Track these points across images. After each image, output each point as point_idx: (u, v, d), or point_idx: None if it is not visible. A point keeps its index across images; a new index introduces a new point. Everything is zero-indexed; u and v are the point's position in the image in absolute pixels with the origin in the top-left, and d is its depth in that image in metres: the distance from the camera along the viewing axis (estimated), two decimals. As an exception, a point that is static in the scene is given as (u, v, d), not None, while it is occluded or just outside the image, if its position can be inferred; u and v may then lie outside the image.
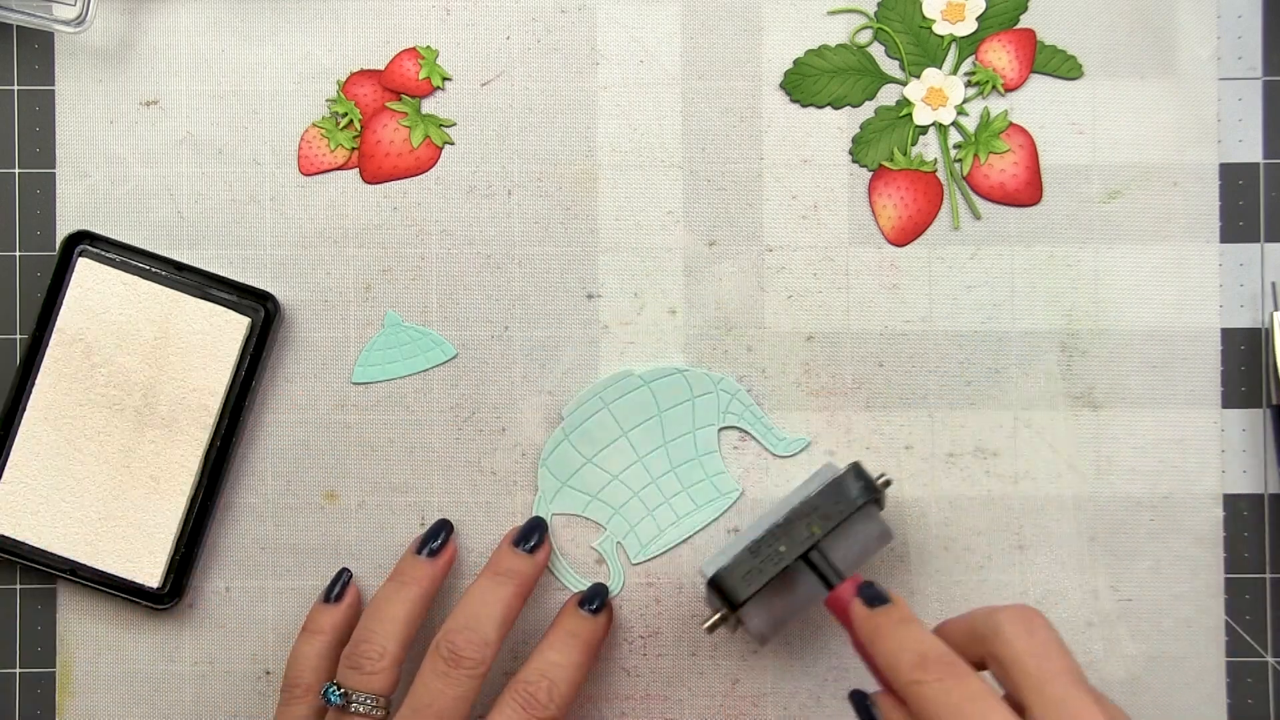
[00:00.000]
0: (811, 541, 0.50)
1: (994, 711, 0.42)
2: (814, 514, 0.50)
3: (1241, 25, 0.56)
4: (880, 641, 0.45)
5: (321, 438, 0.55)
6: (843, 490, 0.51)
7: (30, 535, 0.54)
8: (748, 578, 0.50)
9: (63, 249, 0.54)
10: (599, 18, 0.56)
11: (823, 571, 0.50)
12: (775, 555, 0.50)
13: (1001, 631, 0.44)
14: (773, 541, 0.50)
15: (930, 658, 0.43)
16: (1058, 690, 0.42)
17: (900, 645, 0.44)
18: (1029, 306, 0.55)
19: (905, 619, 0.46)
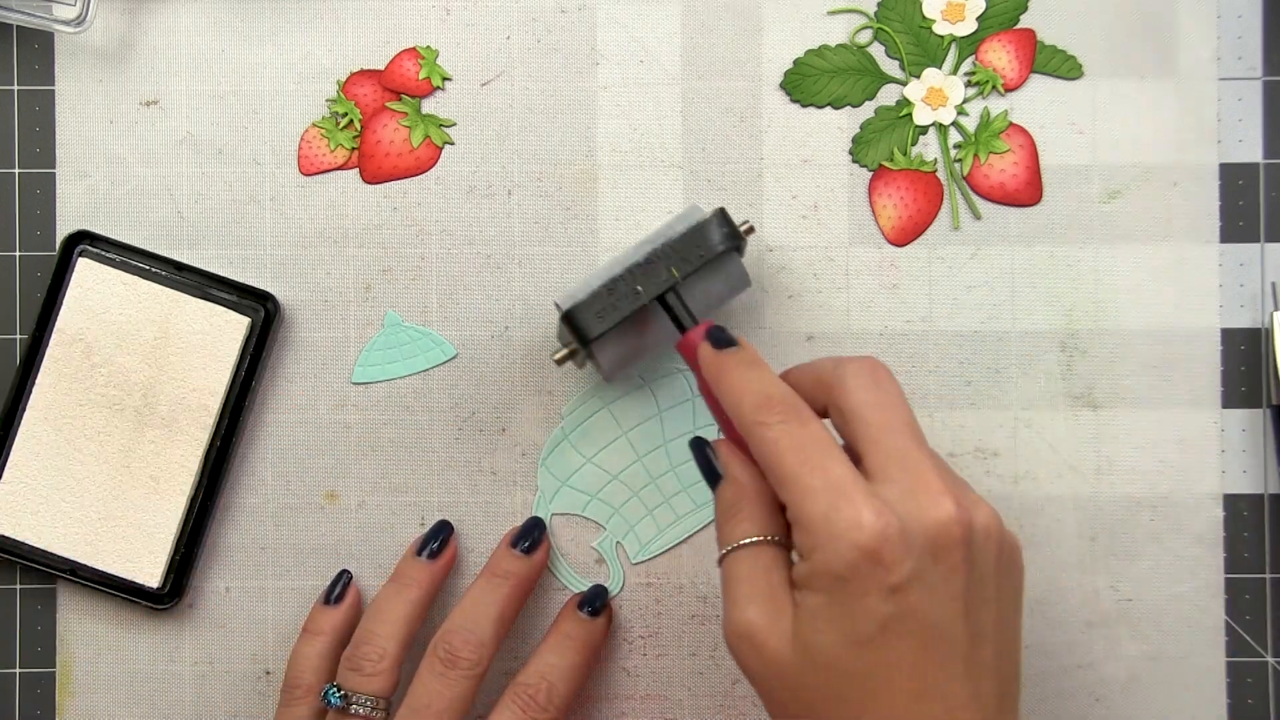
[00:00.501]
0: (669, 284, 0.49)
1: (832, 458, 0.41)
2: (674, 256, 0.50)
3: (1241, 25, 0.56)
4: (725, 382, 0.45)
5: (321, 438, 0.55)
6: (705, 235, 0.50)
7: (30, 535, 0.54)
8: (601, 314, 0.49)
9: (63, 249, 0.54)
10: (599, 18, 0.56)
11: (677, 314, 0.49)
12: (631, 294, 0.49)
13: (845, 382, 0.44)
14: (630, 280, 0.49)
15: (774, 399, 0.43)
16: (896, 442, 0.42)
17: (744, 387, 0.44)
18: (1029, 306, 0.55)
19: (752, 361, 0.45)
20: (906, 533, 0.40)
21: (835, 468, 0.41)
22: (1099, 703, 0.55)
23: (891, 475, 0.42)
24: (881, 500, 0.41)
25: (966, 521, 0.41)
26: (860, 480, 0.41)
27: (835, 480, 0.41)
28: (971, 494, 0.43)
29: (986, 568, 0.42)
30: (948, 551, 0.41)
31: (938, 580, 0.40)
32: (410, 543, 0.54)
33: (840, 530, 0.40)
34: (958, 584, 0.41)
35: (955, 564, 0.41)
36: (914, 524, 0.40)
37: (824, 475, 0.41)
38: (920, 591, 0.40)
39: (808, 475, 0.41)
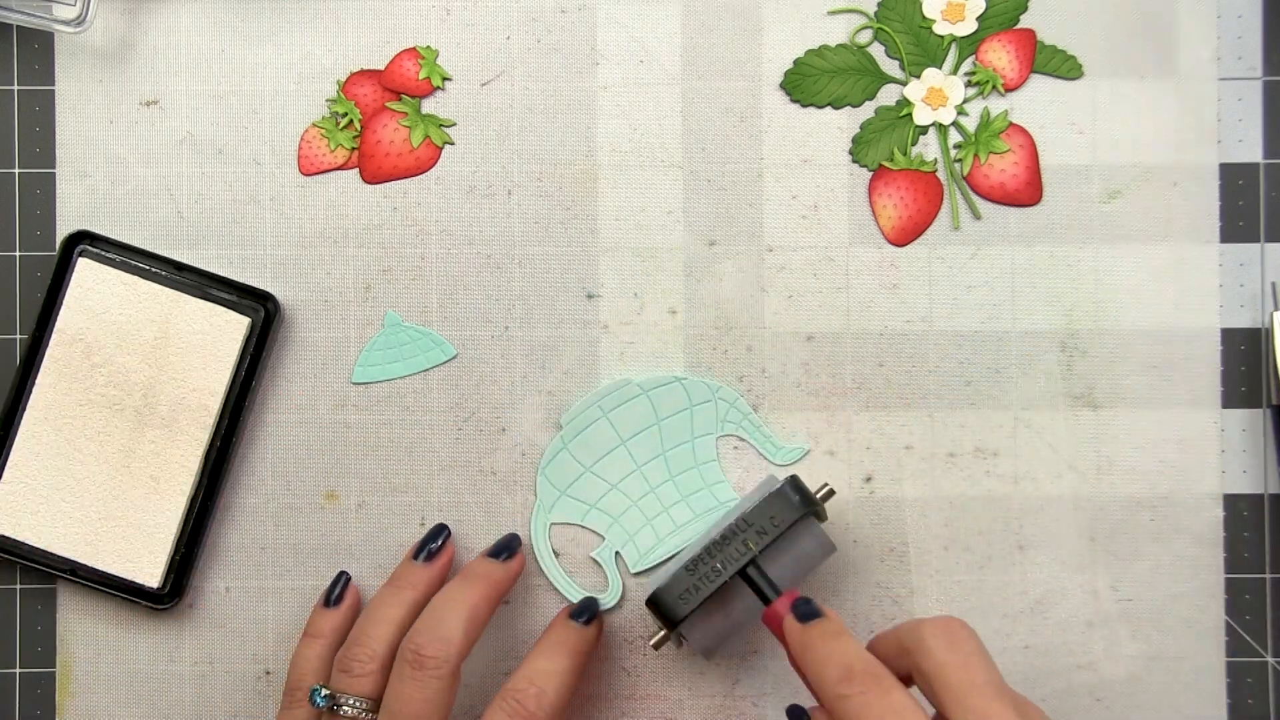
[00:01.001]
0: (747, 558, 0.50)
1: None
2: (750, 529, 0.50)
3: (1241, 25, 0.56)
4: (809, 655, 0.45)
5: (321, 438, 0.55)
6: (779, 504, 0.51)
7: (30, 535, 0.54)
8: (684, 596, 0.50)
9: (63, 249, 0.54)
10: (599, 18, 0.56)
11: (760, 587, 0.50)
12: (712, 572, 0.50)
13: (924, 643, 0.44)
14: (709, 559, 0.50)
15: (856, 670, 0.44)
16: (978, 702, 0.43)
17: (828, 659, 0.45)
18: (1029, 306, 0.55)
19: (836, 633, 0.46)
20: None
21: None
22: (1099, 703, 0.55)
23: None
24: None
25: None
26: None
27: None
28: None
29: None
30: None
31: None
32: (409, 546, 0.54)
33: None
34: None
35: None
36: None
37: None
38: None
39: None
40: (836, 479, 0.55)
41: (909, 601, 0.55)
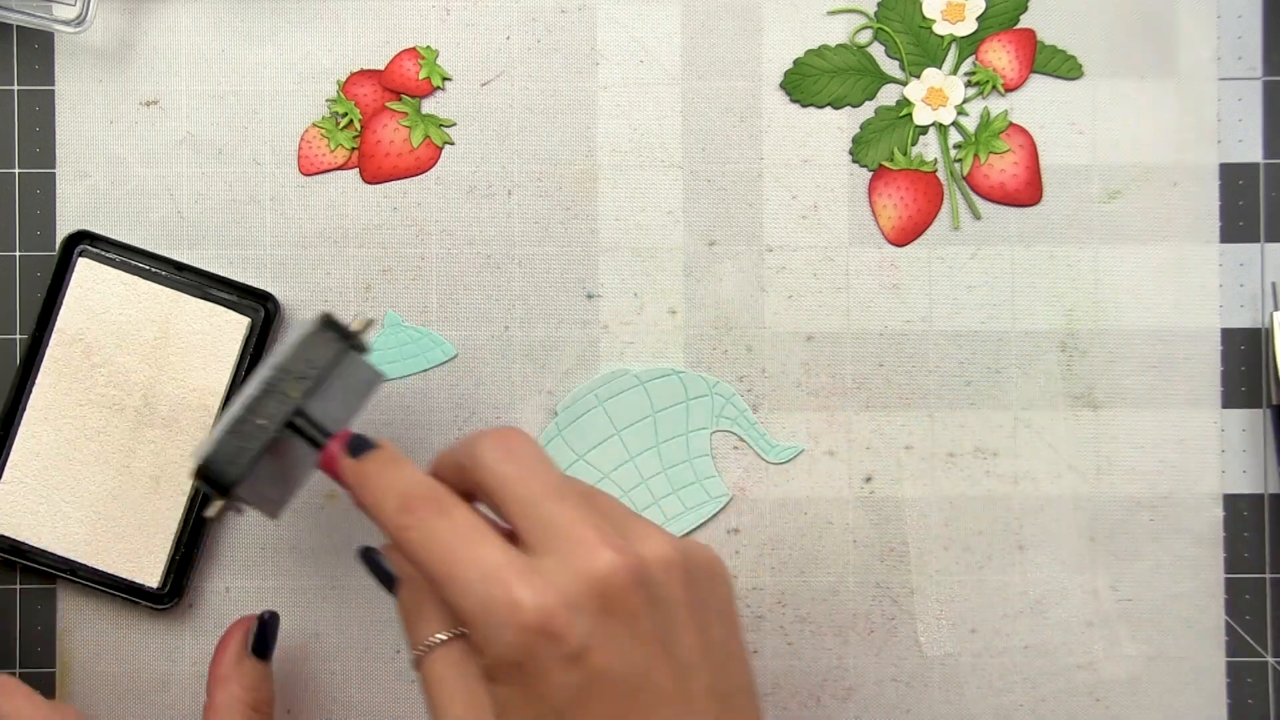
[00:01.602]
0: (291, 407, 0.46)
1: (480, 544, 0.40)
2: (289, 377, 0.47)
3: (1241, 25, 0.56)
4: (366, 490, 0.43)
5: (321, 438, 0.56)
6: (314, 346, 0.47)
7: (30, 535, 0.54)
8: (233, 461, 0.46)
9: (63, 249, 0.54)
10: (599, 18, 0.56)
11: (309, 434, 0.46)
12: (256, 430, 0.46)
13: (481, 459, 0.42)
14: (251, 417, 0.47)
15: (415, 497, 0.42)
16: (542, 509, 0.41)
17: (385, 490, 0.42)
18: (1029, 306, 0.56)
19: (391, 461, 0.43)
20: (569, 597, 0.39)
21: (483, 554, 0.40)
22: (1099, 703, 0.55)
23: (544, 543, 0.40)
24: (536, 573, 0.39)
25: (632, 565, 0.40)
26: (513, 559, 0.40)
27: (485, 568, 0.40)
28: (639, 528, 0.42)
29: (673, 598, 0.41)
30: (620, 600, 0.39)
31: (619, 632, 0.39)
32: None
33: (501, 617, 0.39)
34: (644, 628, 0.40)
35: (633, 610, 0.40)
36: (575, 586, 0.39)
37: (473, 566, 0.40)
38: (603, 650, 0.39)
39: (457, 570, 0.40)
40: (836, 479, 0.55)
41: (909, 601, 0.55)
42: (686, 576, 0.41)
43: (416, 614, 0.43)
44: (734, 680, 0.42)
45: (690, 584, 0.41)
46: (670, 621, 0.40)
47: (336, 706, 0.55)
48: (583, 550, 0.40)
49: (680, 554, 0.41)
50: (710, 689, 0.41)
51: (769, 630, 0.55)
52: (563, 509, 0.41)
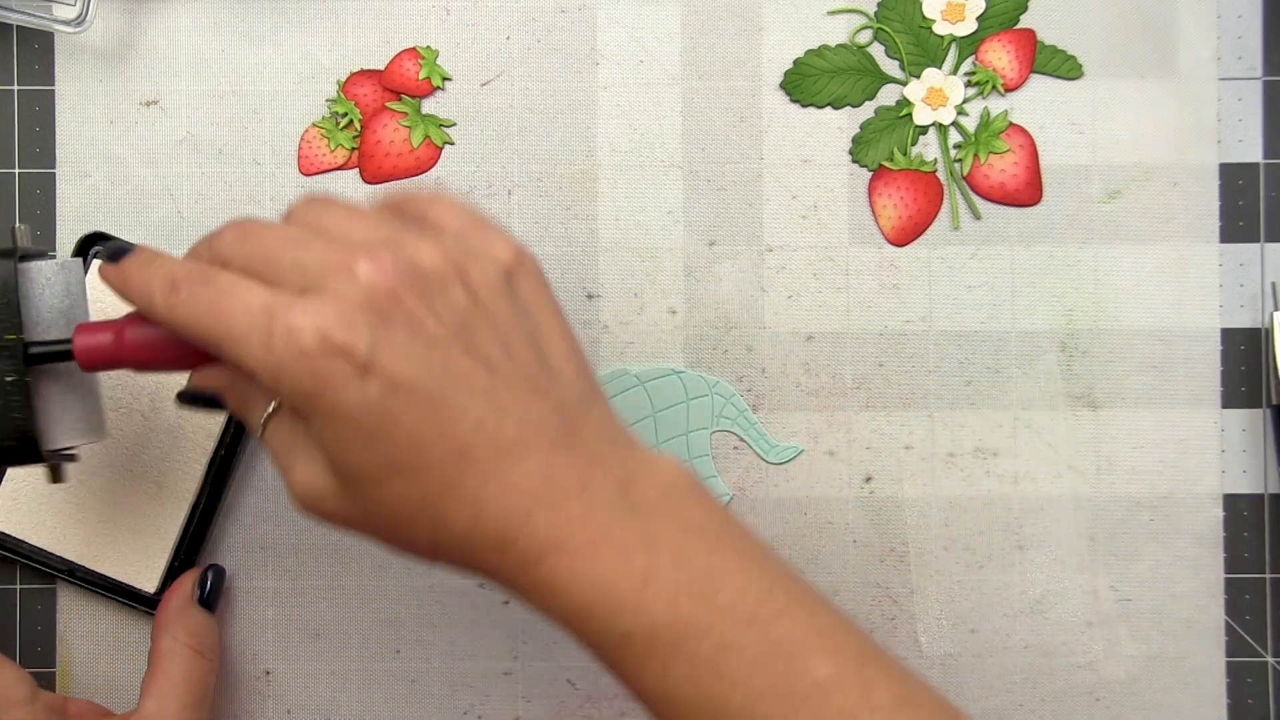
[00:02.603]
0: (18, 349, 0.45)
1: (247, 291, 0.40)
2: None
3: (1241, 25, 0.56)
4: (133, 284, 0.42)
5: (321, 438, 0.56)
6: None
7: (30, 534, 0.54)
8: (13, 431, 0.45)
9: (76, 250, 0.55)
10: (599, 18, 0.56)
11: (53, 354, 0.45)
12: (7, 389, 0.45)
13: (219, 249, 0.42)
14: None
15: (179, 276, 0.41)
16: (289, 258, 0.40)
17: (150, 280, 0.42)
18: (1029, 306, 0.56)
19: (151, 255, 0.43)
20: (341, 313, 0.39)
21: (248, 298, 0.40)
22: (1099, 703, 0.56)
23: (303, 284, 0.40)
24: (304, 300, 0.39)
25: (392, 267, 0.39)
26: (279, 295, 0.39)
27: (252, 309, 0.39)
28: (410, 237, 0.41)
29: (453, 294, 0.40)
30: (394, 307, 0.39)
31: (404, 337, 0.39)
32: None
33: (279, 354, 0.39)
34: (431, 329, 0.39)
35: (411, 315, 0.39)
36: (343, 301, 0.39)
37: (241, 312, 0.39)
38: (393, 357, 0.38)
39: (228, 321, 0.40)
40: (836, 479, 0.56)
41: (909, 601, 0.56)
42: (466, 272, 0.40)
43: (244, 405, 0.43)
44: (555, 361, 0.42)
45: (473, 279, 0.41)
46: (461, 318, 0.40)
47: (336, 706, 0.56)
48: (340, 267, 0.39)
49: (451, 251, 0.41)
50: (528, 378, 0.40)
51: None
52: (307, 251, 0.40)
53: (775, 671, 0.39)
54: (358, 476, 0.40)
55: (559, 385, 0.41)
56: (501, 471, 0.39)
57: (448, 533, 0.40)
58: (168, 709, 0.50)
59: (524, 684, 0.56)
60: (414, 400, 0.39)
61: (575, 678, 0.56)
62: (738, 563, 0.40)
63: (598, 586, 0.39)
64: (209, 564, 0.54)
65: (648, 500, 0.41)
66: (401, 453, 0.39)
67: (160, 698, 0.50)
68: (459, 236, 0.42)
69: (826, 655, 0.39)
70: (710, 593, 0.39)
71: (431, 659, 0.56)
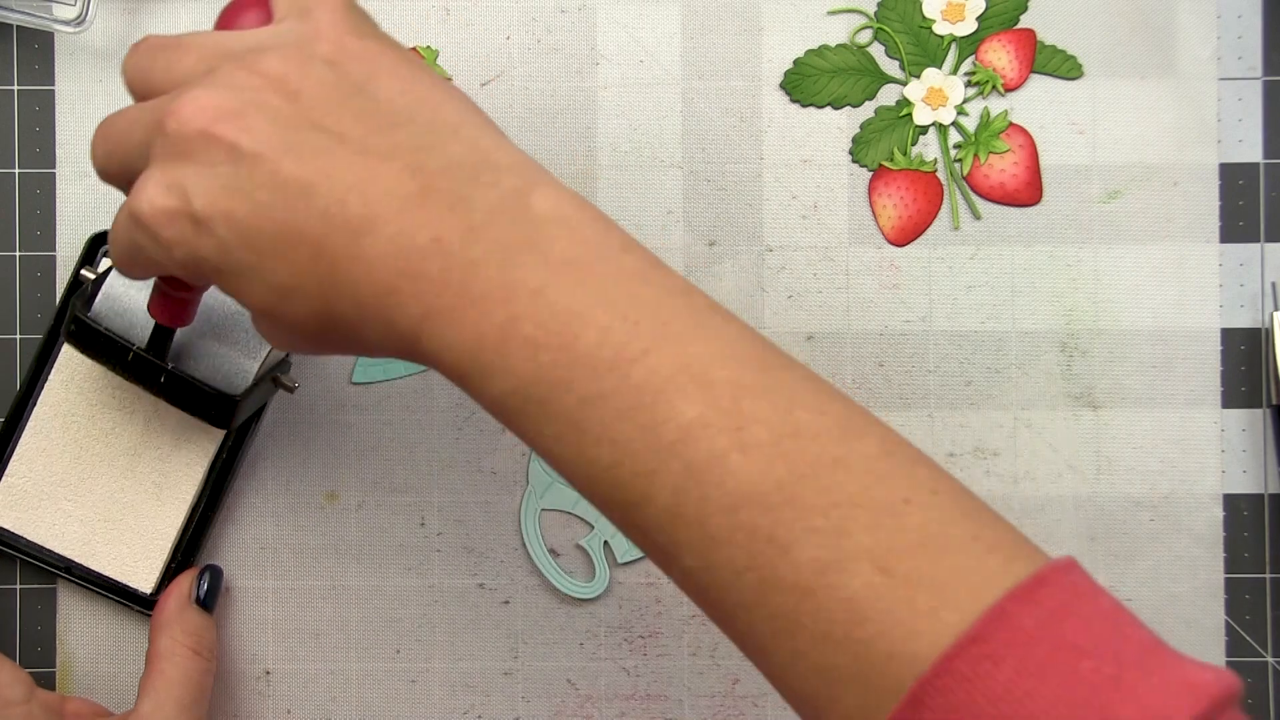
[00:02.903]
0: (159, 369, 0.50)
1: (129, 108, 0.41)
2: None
3: (1241, 25, 0.57)
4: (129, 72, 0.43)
5: (321, 438, 0.56)
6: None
7: (30, 531, 0.55)
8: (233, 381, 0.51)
9: (86, 248, 0.55)
10: (599, 18, 0.57)
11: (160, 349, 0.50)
12: (144, 362, 0.50)
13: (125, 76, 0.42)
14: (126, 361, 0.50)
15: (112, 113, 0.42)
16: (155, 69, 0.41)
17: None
18: (1029, 306, 0.56)
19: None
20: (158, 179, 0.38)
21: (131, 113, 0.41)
22: (1099, 703, 0.56)
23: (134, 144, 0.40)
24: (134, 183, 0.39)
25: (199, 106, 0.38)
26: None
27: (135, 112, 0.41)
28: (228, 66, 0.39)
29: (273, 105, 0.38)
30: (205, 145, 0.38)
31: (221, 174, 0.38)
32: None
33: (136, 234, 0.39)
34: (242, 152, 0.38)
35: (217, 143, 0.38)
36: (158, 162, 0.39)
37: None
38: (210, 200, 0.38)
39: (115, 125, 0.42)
40: (836, 479, 0.56)
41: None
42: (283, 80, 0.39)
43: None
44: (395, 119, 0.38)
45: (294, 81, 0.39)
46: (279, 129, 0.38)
47: (336, 706, 0.56)
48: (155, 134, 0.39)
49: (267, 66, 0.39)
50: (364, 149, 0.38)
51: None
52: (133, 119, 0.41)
53: (638, 422, 0.35)
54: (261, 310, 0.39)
55: (408, 138, 0.38)
56: (359, 251, 0.37)
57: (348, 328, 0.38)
58: (164, 709, 0.51)
59: (524, 684, 0.56)
60: (256, 227, 0.37)
61: (575, 678, 0.56)
62: (605, 297, 0.36)
63: (464, 351, 0.37)
64: (206, 565, 0.55)
65: (511, 239, 0.37)
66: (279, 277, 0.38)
67: (157, 698, 0.51)
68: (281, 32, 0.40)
69: (696, 392, 0.35)
70: (570, 340, 0.36)
71: (431, 659, 0.56)
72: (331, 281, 0.38)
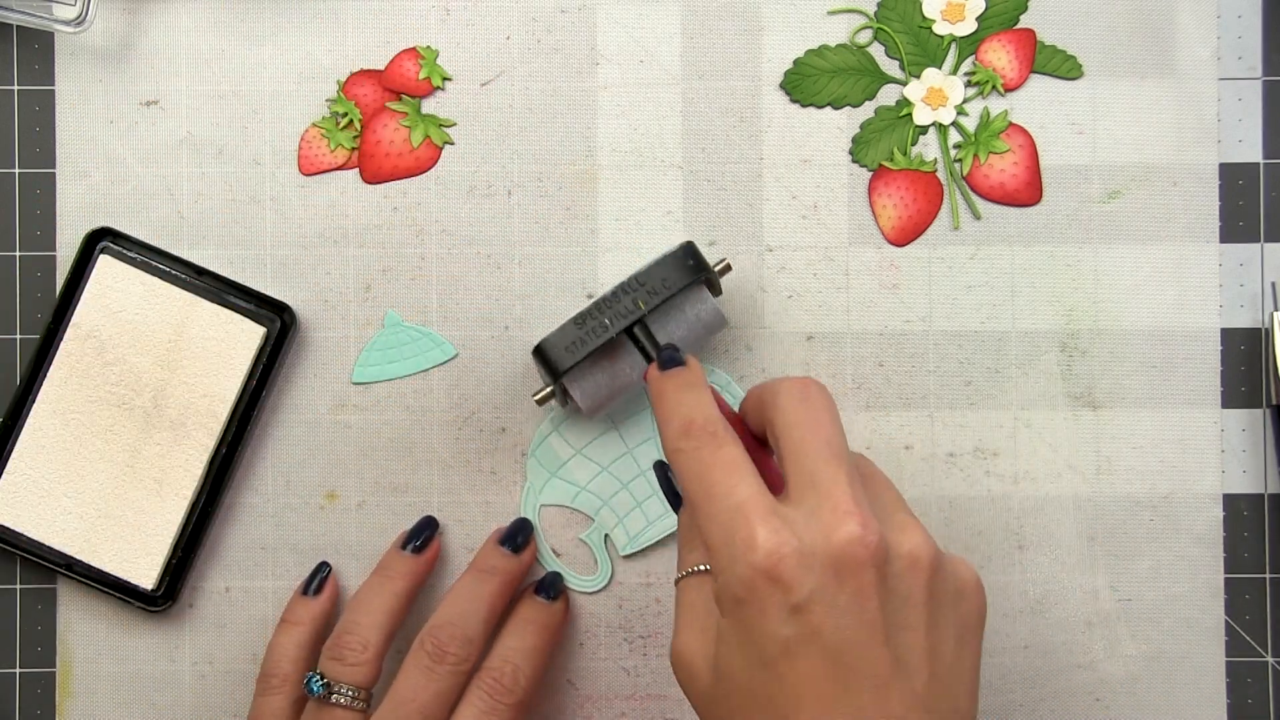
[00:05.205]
0: (635, 316, 0.52)
1: (742, 482, 0.43)
2: (641, 289, 0.53)
3: (1241, 25, 0.58)
4: (660, 404, 0.47)
5: (321, 438, 0.57)
6: (672, 267, 0.53)
7: (29, 528, 0.56)
8: (570, 349, 0.52)
9: (84, 245, 0.56)
10: (599, 18, 0.58)
11: (644, 346, 0.52)
12: (599, 327, 0.52)
13: (778, 400, 0.46)
14: (598, 314, 0.53)
15: (695, 424, 0.45)
16: (811, 462, 0.44)
17: (674, 410, 0.46)
18: (1029, 306, 0.57)
19: (690, 384, 0.47)
20: (805, 552, 0.42)
21: (740, 489, 0.43)
22: (1099, 703, 0.57)
23: (803, 495, 0.43)
24: (781, 520, 0.42)
25: (874, 543, 0.42)
26: (765, 501, 0.43)
27: (737, 502, 0.43)
28: (901, 519, 0.44)
29: (910, 594, 0.43)
30: (853, 573, 0.42)
31: (845, 602, 0.41)
32: (396, 536, 0.56)
33: (737, 552, 0.42)
34: (870, 608, 0.42)
35: (863, 586, 0.42)
36: (815, 543, 0.42)
37: (726, 497, 0.43)
38: (824, 612, 0.41)
39: (712, 500, 0.43)
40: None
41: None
42: (932, 580, 0.43)
43: (689, 538, 0.47)
44: (952, 702, 0.43)
45: (934, 589, 0.43)
46: (899, 614, 0.42)
47: (337, 706, 0.57)
48: (833, 512, 0.42)
49: (932, 557, 0.43)
50: (922, 698, 0.42)
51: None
52: (830, 469, 0.43)
53: None
54: (727, 681, 0.43)
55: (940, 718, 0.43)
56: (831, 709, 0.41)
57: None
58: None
59: (524, 684, 0.57)
60: (817, 657, 0.41)
61: (575, 678, 0.58)
62: None
63: None
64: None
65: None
66: (776, 691, 0.42)
67: None
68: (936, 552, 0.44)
69: None
70: None
71: (431, 659, 0.57)
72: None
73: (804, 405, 0.45)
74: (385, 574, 0.55)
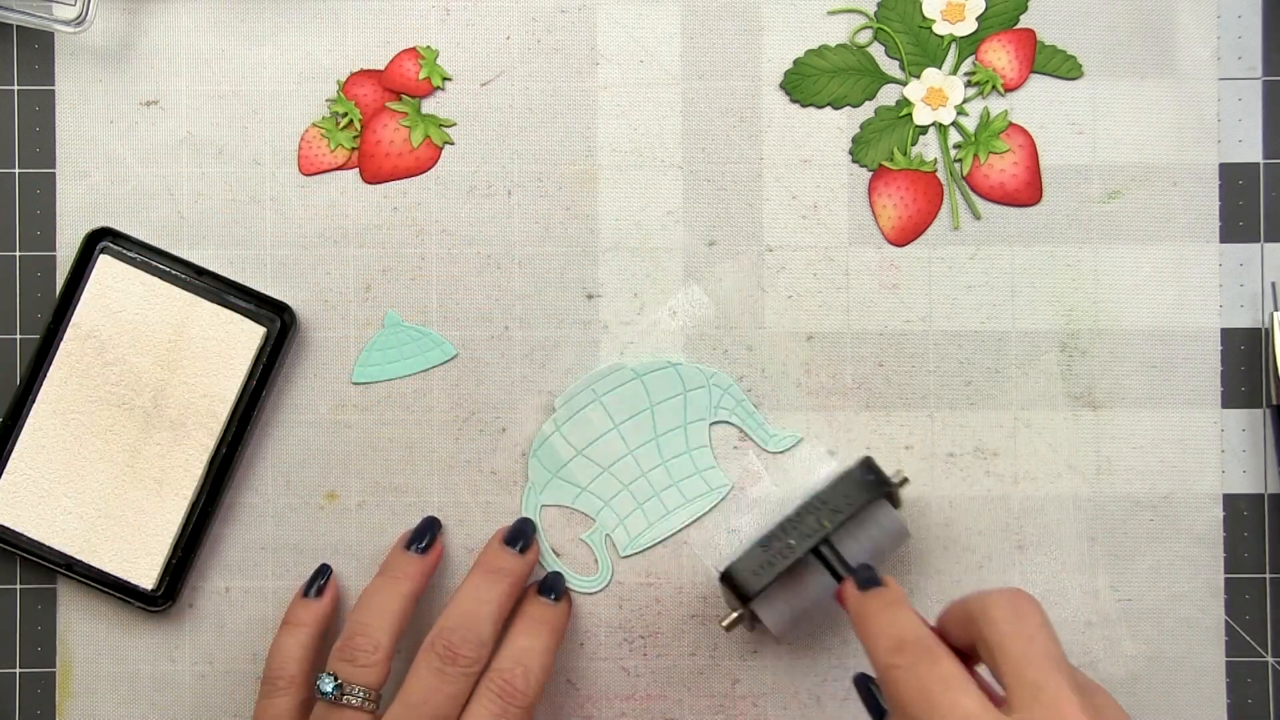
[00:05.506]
0: (820, 535, 0.53)
1: (964, 696, 0.44)
2: (824, 507, 0.53)
3: (1241, 25, 0.58)
4: (866, 624, 0.48)
5: (321, 438, 0.58)
6: (852, 484, 0.54)
7: (29, 527, 0.56)
8: (758, 572, 0.53)
9: (84, 244, 0.56)
10: (599, 18, 0.58)
11: (831, 564, 0.53)
12: (785, 549, 0.53)
13: (989, 613, 0.46)
14: (783, 535, 0.53)
15: (907, 641, 0.46)
16: (1033, 673, 0.44)
17: (882, 629, 0.47)
18: (1029, 306, 0.58)
19: (893, 603, 0.48)
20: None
21: (965, 702, 0.44)
22: (1099, 703, 0.57)
23: (1026, 704, 0.44)
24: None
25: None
26: (991, 713, 0.43)
27: (963, 715, 0.43)
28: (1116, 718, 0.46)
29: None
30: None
31: None
32: (399, 536, 0.56)
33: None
34: None
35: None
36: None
37: (953, 712, 0.43)
38: None
39: (936, 713, 0.44)
40: (836, 479, 0.57)
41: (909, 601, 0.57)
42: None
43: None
44: None
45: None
46: None
47: (337, 706, 0.57)
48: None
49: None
50: None
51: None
52: (1053, 679, 0.44)
53: None
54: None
55: None
56: None
57: None
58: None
59: (524, 684, 0.57)
60: None
61: (575, 678, 0.58)
62: None
63: None
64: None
65: None
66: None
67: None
68: None
69: None
70: None
71: (431, 659, 0.57)
72: None
73: (1018, 619, 0.46)
74: (391, 575, 0.55)
